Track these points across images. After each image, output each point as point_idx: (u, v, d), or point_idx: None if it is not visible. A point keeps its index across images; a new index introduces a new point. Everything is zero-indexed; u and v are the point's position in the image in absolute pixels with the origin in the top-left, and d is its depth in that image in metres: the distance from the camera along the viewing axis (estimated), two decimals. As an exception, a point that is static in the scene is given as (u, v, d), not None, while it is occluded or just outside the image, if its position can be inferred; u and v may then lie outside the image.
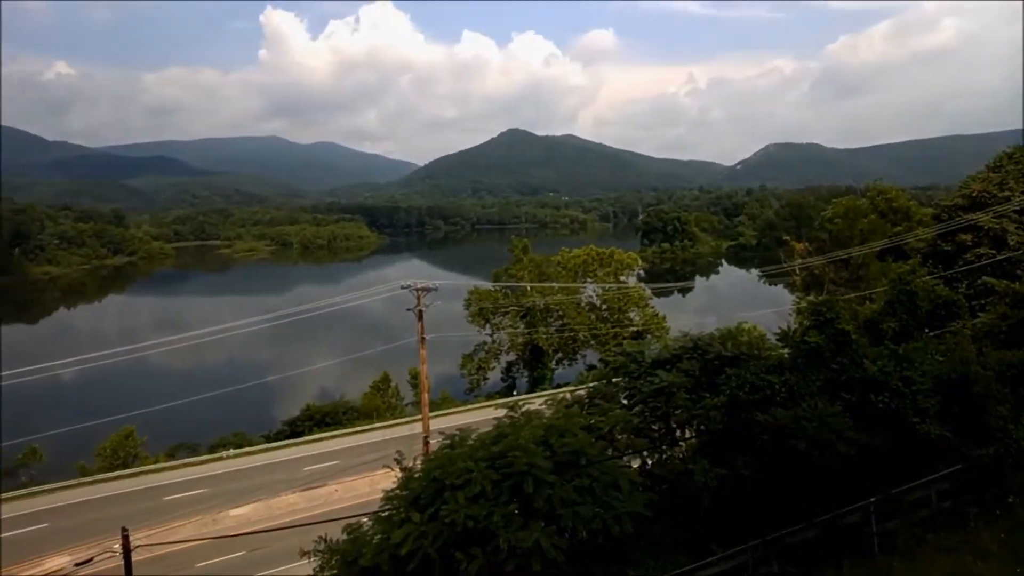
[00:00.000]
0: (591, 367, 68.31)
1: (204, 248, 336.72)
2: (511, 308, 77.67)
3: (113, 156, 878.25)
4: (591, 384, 24.91)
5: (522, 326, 77.24)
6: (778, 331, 24.42)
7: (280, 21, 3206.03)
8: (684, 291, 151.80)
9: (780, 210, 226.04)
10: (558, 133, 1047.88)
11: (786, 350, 22.88)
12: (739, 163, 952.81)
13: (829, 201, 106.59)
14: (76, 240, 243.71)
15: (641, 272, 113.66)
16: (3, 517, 41.99)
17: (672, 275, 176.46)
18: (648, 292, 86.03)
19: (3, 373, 35.22)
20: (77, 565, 29.69)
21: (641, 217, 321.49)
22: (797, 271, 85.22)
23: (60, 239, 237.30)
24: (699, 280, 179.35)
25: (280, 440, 57.02)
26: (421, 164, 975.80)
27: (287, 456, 51.41)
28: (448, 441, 17.86)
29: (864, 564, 18.52)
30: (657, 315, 79.25)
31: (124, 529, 21.75)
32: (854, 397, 20.44)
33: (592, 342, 77.07)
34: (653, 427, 21.21)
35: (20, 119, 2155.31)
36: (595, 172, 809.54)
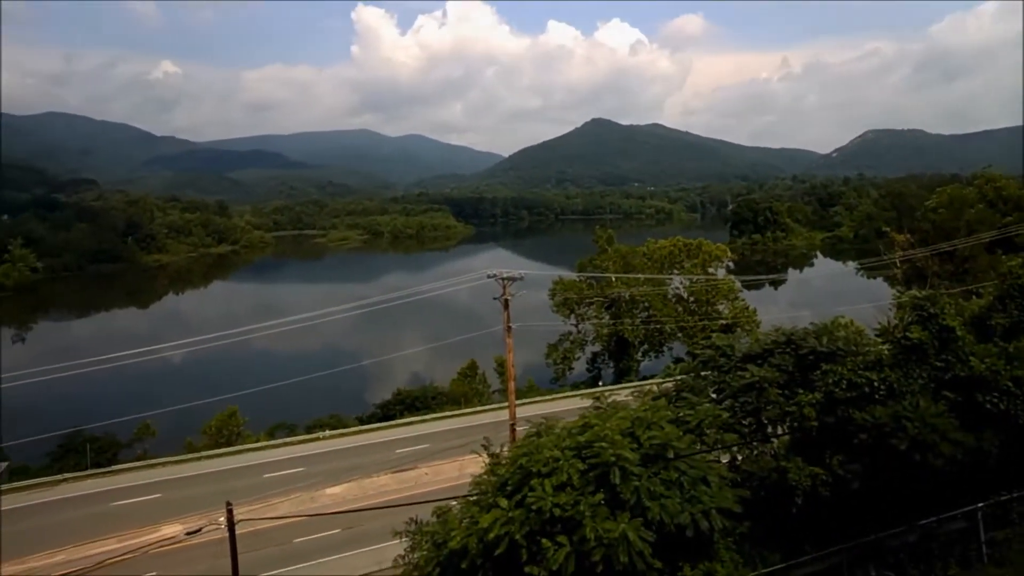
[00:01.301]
0: (678, 360, 67.33)
1: (301, 237, 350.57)
2: (596, 299, 77.26)
3: (216, 150, 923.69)
4: (679, 377, 24.65)
5: (607, 317, 76.60)
6: (877, 326, 23.50)
7: (371, 17, 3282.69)
8: (776, 284, 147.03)
9: (879, 200, 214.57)
10: (643, 122, 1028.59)
11: (886, 346, 21.98)
12: (835, 151, 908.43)
13: (933, 190, 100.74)
14: (183, 229, 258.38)
15: (730, 264, 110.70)
16: (123, 486, 45.52)
17: (763, 267, 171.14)
18: (738, 284, 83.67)
19: (113, 355, 37.97)
20: (188, 534, 31.90)
21: (730, 207, 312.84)
22: (898, 264, 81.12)
23: (169, 229, 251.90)
24: (792, 273, 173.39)
25: (372, 423, 58.97)
26: (505, 155, 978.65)
27: (379, 438, 53.04)
28: (534, 429, 18.13)
29: (970, 574, 17.68)
30: (747, 308, 77.12)
31: (228, 504, 23.17)
32: (959, 397, 19.48)
33: (679, 335, 75.82)
34: (743, 422, 20.83)
35: (130, 116, 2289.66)
36: (681, 161, 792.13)
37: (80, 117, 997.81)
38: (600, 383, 71.78)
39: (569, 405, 51.09)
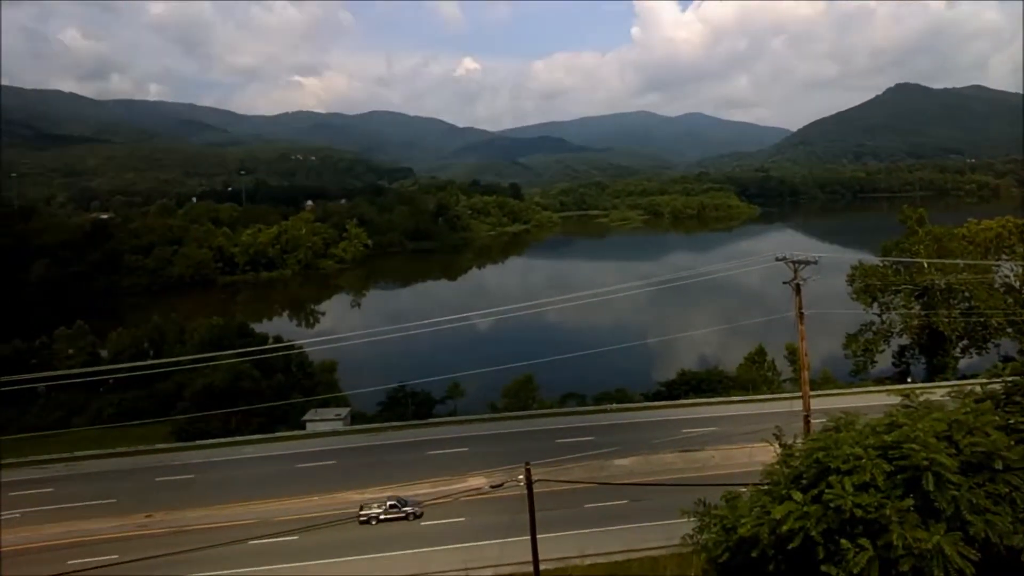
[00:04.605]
0: (1007, 358, 58.56)
1: (585, 217, 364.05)
2: (904, 286, 70.30)
3: (509, 138, 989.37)
4: (1009, 379, 21.81)
5: (917, 307, 70.03)
6: None
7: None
8: None
9: None
10: (960, 84, 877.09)
11: None
12: None
13: None
14: (483, 211, 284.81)
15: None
16: (437, 438, 52.27)
17: None
18: (1090, 274, 69.99)
19: (429, 321, 43.25)
20: (492, 487, 35.94)
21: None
22: None
23: (471, 210, 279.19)
24: None
25: (658, 400, 60.49)
26: (793, 129, 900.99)
27: (664, 416, 54.48)
28: (832, 423, 17.49)
29: None
30: (1104, 302, 64.38)
31: (527, 464, 25.60)
32: None
33: (1008, 330, 66.65)
34: (1097, 437, 17.93)
35: (439, 110, 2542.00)
36: (1013, 128, 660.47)
37: (399, 114, 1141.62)
38: (909, 379, 65.86)
39: (871, 401, 47.40)
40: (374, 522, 39.40)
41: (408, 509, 39.85)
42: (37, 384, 67.03)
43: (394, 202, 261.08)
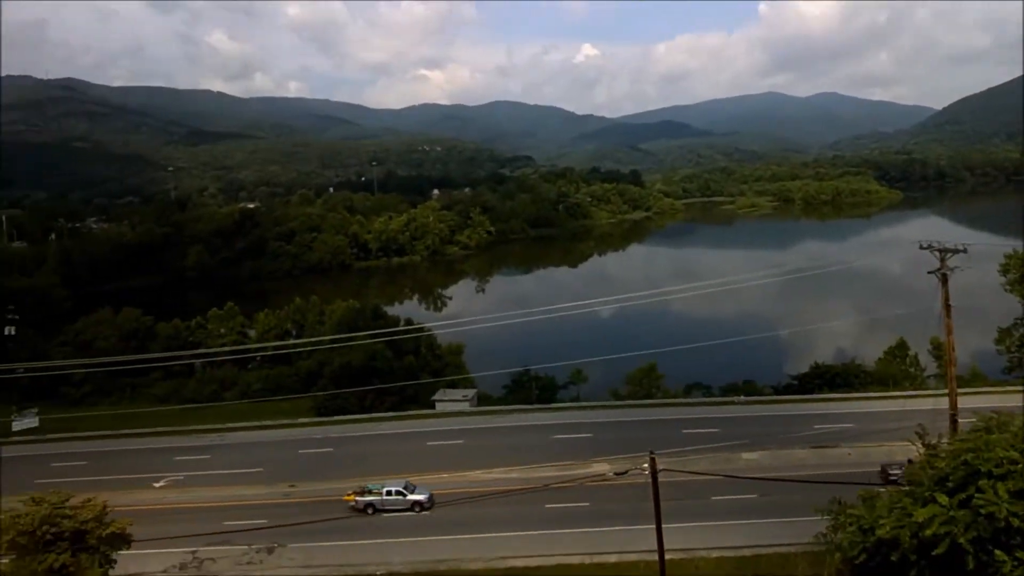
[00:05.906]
0: None
1: (709, 204, 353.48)
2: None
3: (629, 124, 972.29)
4: None
5: None
6: None
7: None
8: None
9: None
10: None
11: None
12: None
13: None
14: (603, 198, 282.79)
15: None
16: (560, 422, 52.99)
17: None
18: None
19: (551, 307, 43.85)
20: (616, 474, 36.18)
21: None
22: None
23: (591, 197, 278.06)
24: None
25: (788, 394, 58.57)
26: (939, 108, 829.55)
27: (795, 410, 52.62)
28: (983, 423, 16.67)
29: None
30: None
31: (651, 452, 25.63)
32: None
33: None
34: None
35: (559, 99, 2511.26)
36: None
37: (520, 103, 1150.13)
38: (1073, 380, 59.51)
39: (1025, 402, 43.95)
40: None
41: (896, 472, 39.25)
42: (195, 360, 73.89)
43: (515, 190, 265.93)
